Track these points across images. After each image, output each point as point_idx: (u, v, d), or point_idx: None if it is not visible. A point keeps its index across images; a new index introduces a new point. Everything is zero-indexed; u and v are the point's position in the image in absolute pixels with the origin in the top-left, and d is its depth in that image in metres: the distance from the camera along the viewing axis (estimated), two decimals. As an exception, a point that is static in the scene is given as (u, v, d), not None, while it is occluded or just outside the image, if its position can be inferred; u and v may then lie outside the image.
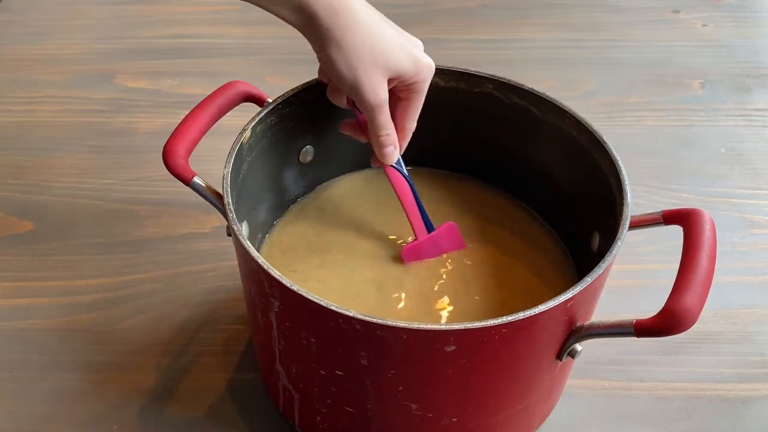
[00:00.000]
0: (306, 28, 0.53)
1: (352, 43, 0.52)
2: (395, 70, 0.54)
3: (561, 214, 0.65)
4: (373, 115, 0.56)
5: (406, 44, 0.55)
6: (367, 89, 0.54)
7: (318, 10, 0.51)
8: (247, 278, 0.53)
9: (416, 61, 0.55)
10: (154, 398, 0.63)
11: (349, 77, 0.53)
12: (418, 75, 0.56)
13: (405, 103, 0.58)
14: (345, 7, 0.52)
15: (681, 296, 0.46)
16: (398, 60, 0.54)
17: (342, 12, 0.52)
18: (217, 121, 0.57)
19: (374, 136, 0.58)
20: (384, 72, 0.54)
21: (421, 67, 0.56)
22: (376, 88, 0.54)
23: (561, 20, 1.12)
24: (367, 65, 0.53)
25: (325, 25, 0.52)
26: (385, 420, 0.53)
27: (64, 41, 1.04)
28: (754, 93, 0.99)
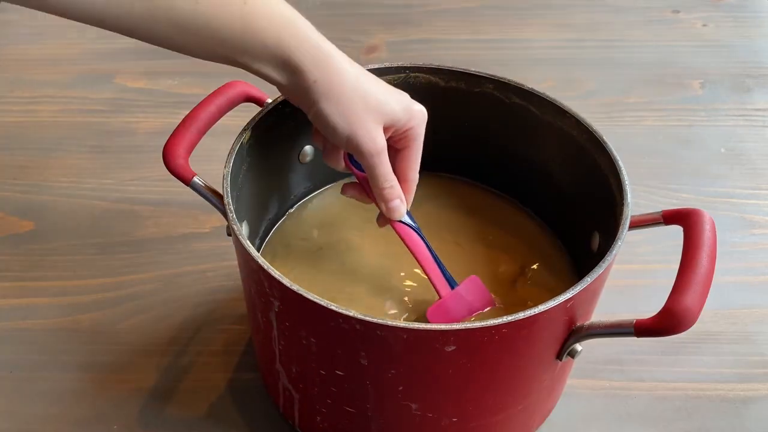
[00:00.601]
0: (293, 85, 0.51)
1: (342, 93, 0.51)
2: (389, 117, 0.53)
3: (561, 214, 0.65)
4: (374, 165, 0.54)
5: (394, 93, 0.54)
6: (365, 137, 0.52)
7: (304, 62, 0.50)
8: (247, 278, 0.53)
9: (408, 107, 0.54)
10: (154, 398, 0.63)
11: (345, 128, 0.52)
12: (411, 120, 0.55)
13: (404, 153, 0.56)
14: (328, 56, 0.51)
15: (681, 296, 0.46)
16: (391, 107, 0.53)
17: (326, 62, 0.51)
18: (217, 121, 0.57)
19: (378, 190, 0.56)
20: (378, 119, 0.53)
21: (413, 112, 0.55)
22: (374, 135, 0.53)
23: (561, 20, 1.12)
24: (361, 113, 0.52)
25: (313, 78, 0.50)
26: (385, 420, 0.53)
27: (64, 41, 1.04)
28: (754, 93, 0.99)
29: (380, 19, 1.10)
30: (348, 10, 1.12)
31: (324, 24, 1.16)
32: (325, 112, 0.52)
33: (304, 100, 0.52)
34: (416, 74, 0.64)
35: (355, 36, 1.06)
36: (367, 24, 1.09)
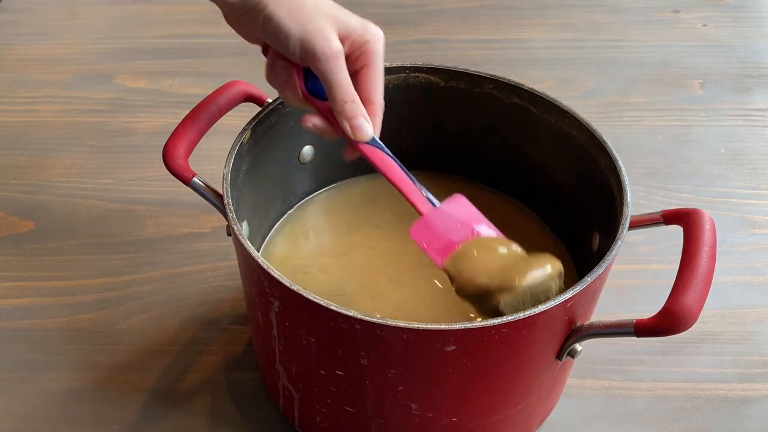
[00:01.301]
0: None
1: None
2: (344, 24, 0.50)
3: (561, 214, 0.65)
4: (331, 70, 0.50)
5: (346, 10, 0.52)
6: (318, 38, 0.49)
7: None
8: (247, 278, 0.53)
9: (364, 22, 0.52)
10: (154, 398, 0.63)
11: (297, 29, 0.49)
12: (367, 33, 0.52)
13: (364, 73, 0.53)
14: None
15: (681, 296, 0.46)
16: (345, 16, 0.51)
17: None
18: (217, 121, 0.57)
19: (339, 105, 0.51)
20: (332, 24, 0.50)
21: (369, 26, 0.52)
22: (328, 35, 0.49)
23: (561, 20, 1.12)
24: (315, 14, 0.49)
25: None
26: (385, 420, 0.53)
27: (64, 41, 1.04)
28: (754, 93, 0.99)
29: (380, 19, 1.09)
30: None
31: (324, 24, 1.15)
32: (275, 16, 0.49)
33: (253, 10, 0.49)
34: (416, 74, 0.64)
35: (355, 36, 1.05)
36: (367, 24, 1.09)
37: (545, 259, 0.50)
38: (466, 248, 0.51)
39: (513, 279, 0.48)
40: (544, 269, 0.49)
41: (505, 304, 0.48)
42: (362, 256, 0.64)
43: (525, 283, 0.48)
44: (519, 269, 0.49)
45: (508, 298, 0.48)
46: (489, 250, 0.51)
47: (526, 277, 0.48)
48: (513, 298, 0.48)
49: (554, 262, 0.50)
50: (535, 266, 0.49)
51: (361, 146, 0.54)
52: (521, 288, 0.48)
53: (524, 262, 0.50)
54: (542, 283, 0.48)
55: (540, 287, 0.48)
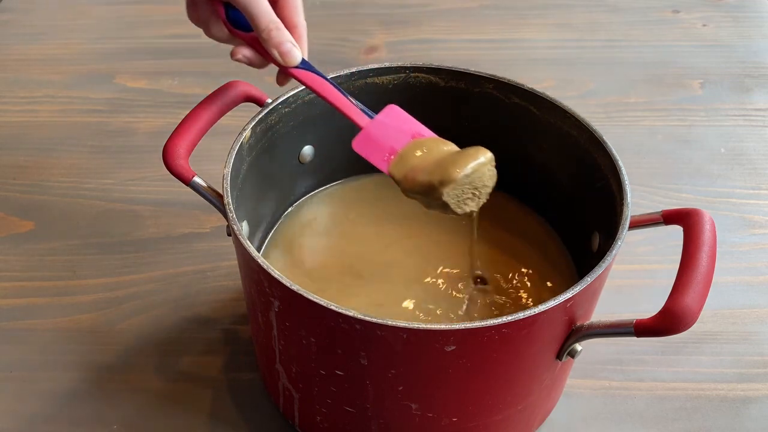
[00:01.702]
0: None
1: None
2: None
3: (561, 214, 0.65)
4: (251, 3, 0.51)
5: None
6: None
7: None
8: (247, 278, 0.53)
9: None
10: (154, 398, 0.63)
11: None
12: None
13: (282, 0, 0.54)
14: None
15: (681, 296, 0.46)
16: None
17: None
18: (217, 121, 0.57)
19: (264, 34, 0.52)
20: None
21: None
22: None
23: (561, 20, 1.12)
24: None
25: None
26: (385, 420, 0.53)
27: (64, 41, 1.04)
28: (754, 93, 0.99)
29: (380, 19, 1.10)
30: (347, 10, 1.12)
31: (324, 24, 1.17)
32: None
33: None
34: (416, 74, 0.64)
35: (355, 36, 1.06)
36: (367, 24, 1.09)
37: (477, 151, 0.53)
38: (405, 151, 0.55)
39: (451, 172, 0.52)
40: (477, 159, 0.53)
41: (448, 195, 0.52)
42: (362, 255, 0.64)
43: (462, 174, 0.52)
44: (455, 162, 0.53)
45: (449, 190, 0.52)
46: (426, 149, 0.55)
47: (463, 169, 0.52)
48: (454, 188, 0.52)
49: (485, 152, 0.53)
50: (469, 158, 0.53)
51: (292, 71, 0.55)
52: (460, 178, 0.52)
53: (459, 155, 0.53)
54: (477, 171, 0.52)
55: (476, 175, 0.53)
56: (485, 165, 0.53)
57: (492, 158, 0.54)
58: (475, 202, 0.54)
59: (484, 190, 0.54)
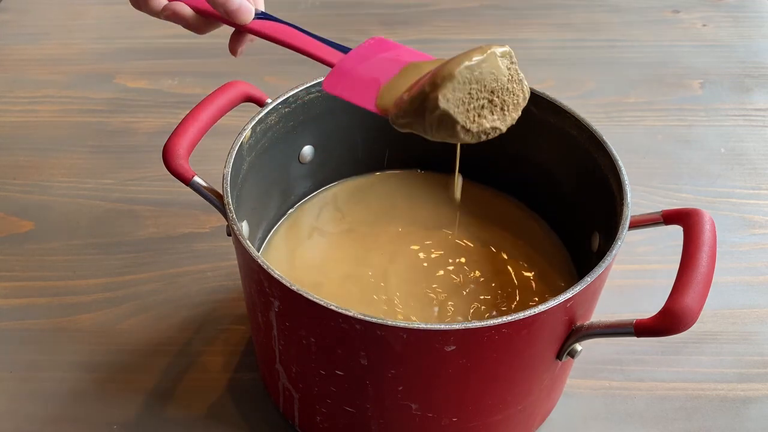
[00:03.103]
0: None
1: None
2: None
3: (561, 214, 0.65)
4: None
5: None
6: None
7: None
8: (247, 278, 0.53)
9: None
10: (154, 398, 0.63)
11: None
12: None
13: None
14: None
15: (681, 296, 0.46)
16: None
17: None
18: (217, 121, 0.57)
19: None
20: None
21: None
22: None
23: (561, 20, 1.12)
24: None
25: None
26: (385, 420, 0.53)
27: (64, 41, 1.04)
28: (754, 93, 0.99)
29: (380, 19, 1.10)
30: (348, 10, 1.12)
31: (324, 24, 1.17)
32: None
33: None
34: (416, 74, 0.63)
35: (355, 36, 1.06)
36: (367, 24, 1.09)
37: (486, 45, 0.41)
38: (395, 78, 0.45)
39: (446, 69, 0.40)
40: (483, 50, 0.40)
41: (446, 99, 0.39)
42: (362, 254, 0.64)
43: (462, 67, 0.39)
44: (454, 59, 0.41)
45: (448, 92, 0.39)
46: (418, 69, 0.44)
47: (462, 62, 0.39)
48: (453, 90, 0.39)
49: (498, 46, 0.41)
50: (472, 52, 0.40)
51: (249, 26, 0.49)
52: (459, 74, 0.39)
53: (459, 56, 0.41)
54: (486, 63, 0.40)
55: (485, 69, 0.40)
56: (496, 56, 0.41)
57: (508, 52, 0.42)
58: (497, 115, 0.41)
59: (507, 96, 0.41)
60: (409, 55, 0.47)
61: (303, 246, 0.65)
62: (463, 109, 0.40)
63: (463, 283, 0.61)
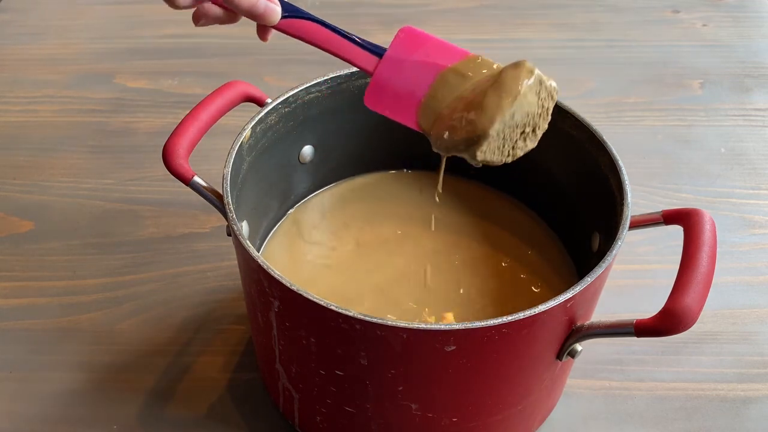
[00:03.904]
0: None
1: None
2: None
3: (561, 214, 0.65)
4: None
5: None
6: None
7: None
8: (247, 278, 0.53)
9: None
10: (154, 398, 0.63)
11: None
12: None
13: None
14: None
15: (681, 296, 0.46)
16: None
17: None
18: (217, 121, 0.57)
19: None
20: None
21: None
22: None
23: (561, 20, 1.12)
24: None
25: None
26: (385, 420, 0.53)
27: (64, 41, 1.04)
28: (754, 93, 0.99)
29: (380, 19, 1.10)
30: (348, 10, 1.12)
31: (324, 24, 1.15)
32: None
33: None
34: (416, 74, 0.63)
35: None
36: (367, 24, 1.09)
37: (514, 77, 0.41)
38: (430, 93, 0.45)
39: (480, 127, 0.41)
40: (513, 92, 0.41)
41: (484, 153, 0.42)
42: (363, 255, 0.64)
43: (496, 125, 0.41)
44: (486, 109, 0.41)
45: (485, 148, 0.42)
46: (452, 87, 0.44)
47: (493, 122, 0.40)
48: (489, 144, 0.42)
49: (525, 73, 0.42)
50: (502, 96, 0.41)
51: (276, 26, 0.48)
52: (494, 131, 0.41)
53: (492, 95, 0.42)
54: (517, 109, 0.41)
55: (517, 113, 0.41)
56: (527, 94, 0.41)
57: (537, 77, 0.42)
58: (530, 140, 0.43)
59: (540, 119, 0.43)
60: (440, 52, 0.45)
61: (303, 246, 0.65)
62: (499, 152, 0.43)
63: (463, 283, 0.61)
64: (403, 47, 0.46)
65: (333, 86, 0.61)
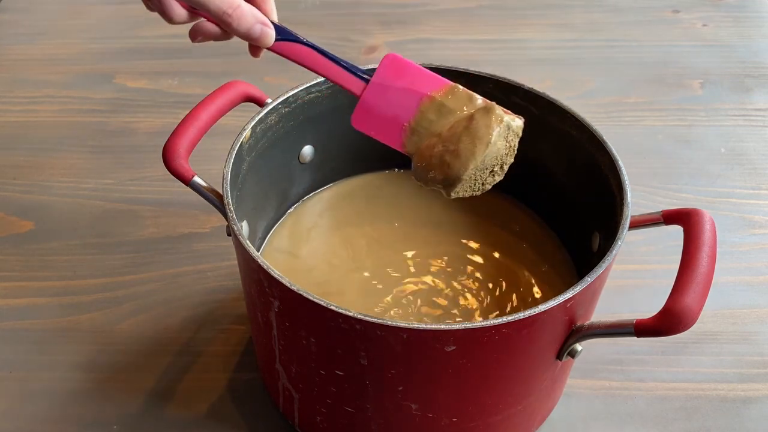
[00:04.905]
0: None
1: None
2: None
3: (561, 214, 0.65)
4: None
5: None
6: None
7: None
8: (247, 278, 0.53)
9: None
10: (154, 398, 0.63)
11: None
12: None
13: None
14: None
15: (681, 296, 0.46)
16: None
17: None
18: (217, 121, 0.57)
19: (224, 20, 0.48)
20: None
21: None
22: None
23: (560, 20, 1.12)
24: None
25: None
26: (385, 420, 0.53)
27: (64, 41, 1.04)
28: (754, 93, 0.99)
29: (380, 19, 1.10)
30: (347, 10, 1.12)
31: (323, 24, 1.17)
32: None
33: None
34: (416, 74, 0.63)
35: (355, 36, 1.06)
36: (367, 24, 1.09)
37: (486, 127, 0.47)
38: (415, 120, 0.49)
39: (455, 172, 0.47)
40: (483, 142, 0.46)
41: (457, 193, 0.48)
42: (363, 255, 0.64)
43: (469, 171, 0.47)
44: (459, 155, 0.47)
45: (458, 188, 0.48)
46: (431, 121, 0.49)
47: (466, 168, 0.47)
48: (462, 185, 0.48)
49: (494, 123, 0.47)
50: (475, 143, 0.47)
51: (270, 48, 0.51)
52: (467, 176, 0.47)
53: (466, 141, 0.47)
54: (488, 155, 0.47)
55: (488, 157, 0.47)
56: (497, 141, 0.47)
57: (506, 125, 0.48)
58: (497, 175, 0.49)
59: (508, 157, 0.49)
60: (423, 80, 0.50)
61: (303, 246, 0.65)
62: (470, 190, 0.49)
63: (463, 282, 0.62)
64: (387, 74, 0.50)
65: (333, 86, 0.61)
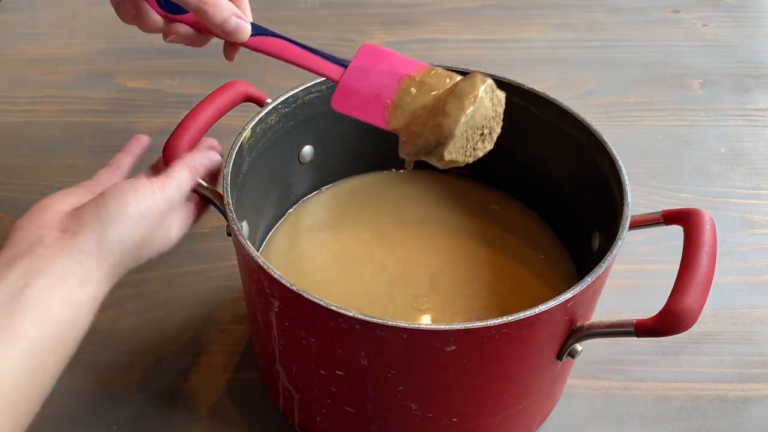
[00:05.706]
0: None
1: None
2: None
3: (561, 214, 0.65)
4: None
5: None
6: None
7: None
8: (247, 278, 0.53)
9: None
10: (154, 398, 0.63)
11: None
12: None
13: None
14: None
15: (681, 296, 0.46)
16: None
17: None
18: (217, 121, 0.57)
19: (201, 13, 0.49)
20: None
21: None
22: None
23: (561, 20, 1.12)
24: None
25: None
26: (385, 420, 0.53)
27: (64, 41, 1.04)
28: (754, 93, 0.99)
29: (380, 19, 1.10)
30: (348, 10, 1.12)
31: (324, 24, 1.17)
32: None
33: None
34: (416, 74, 0.63)
35: (355, 36, 1.06)
36: (367, 24, 1.09)
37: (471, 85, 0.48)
38: (398, 97, 0.50)
39: (446, 128, 0.47)
40: (469, 97, 0.47)
41: (450, 153, 0.48)
42: (362, 255, 0.64)
43: (461, 125, 0.47)
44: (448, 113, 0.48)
45: (451, 147, 0.48)
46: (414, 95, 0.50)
47: (457, 122, 0.47)
48: (455, 143, 0.48)
49: (480, 81, 0.48)
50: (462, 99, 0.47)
51: (245, 44, 0.52)
52: (459, 131, 0.47)
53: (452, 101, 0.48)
54: (477, 111, 0.47)
55: (477, 115, 0.48)
56: (484, 99, 0.48)
57: (490, 85, 0.49)
58: (487, 141, 0.50)
59: (494, 122, 0.49)
60: (401, 64, 0.51)
61: (303, 246, 0.65)
62: (462, 152, 0.49)
63: (463, 282, 0.61)
64: (366, 59, 0.51)
65: (333, 86, 0.61)
